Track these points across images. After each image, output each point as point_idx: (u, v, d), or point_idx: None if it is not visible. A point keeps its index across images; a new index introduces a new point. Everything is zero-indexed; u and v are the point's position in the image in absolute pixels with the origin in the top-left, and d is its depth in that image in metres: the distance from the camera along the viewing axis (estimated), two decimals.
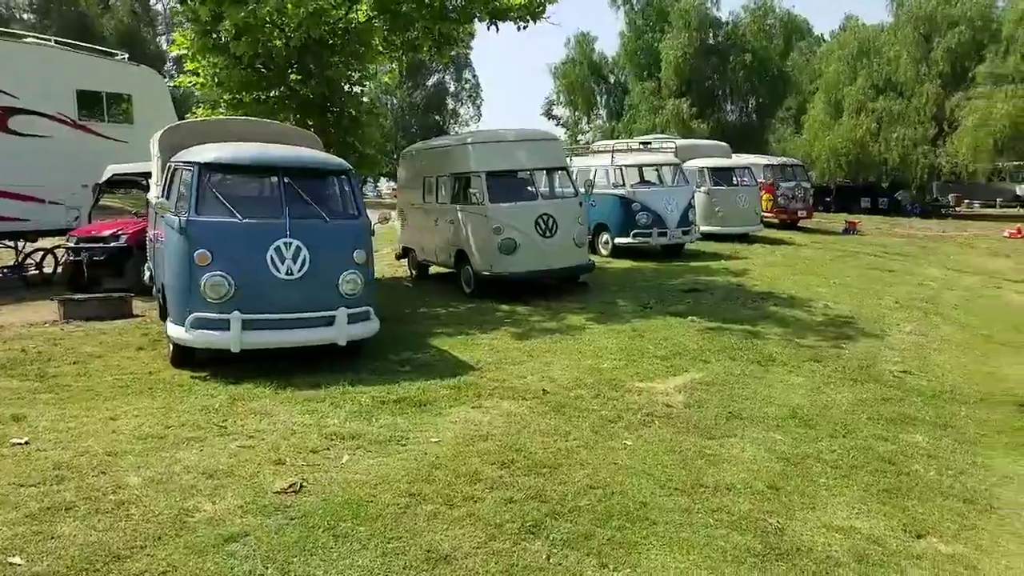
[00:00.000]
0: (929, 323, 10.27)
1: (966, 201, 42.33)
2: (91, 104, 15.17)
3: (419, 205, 13.16)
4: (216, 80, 12.07)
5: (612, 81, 47.58)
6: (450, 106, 65.75)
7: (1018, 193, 42.01)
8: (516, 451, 5.06)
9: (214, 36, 11.16)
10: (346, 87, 13.11)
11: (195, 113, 13.43)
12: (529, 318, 9.85)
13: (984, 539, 4.05)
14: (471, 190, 11.22)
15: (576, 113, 48.38)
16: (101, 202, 13.17)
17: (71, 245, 11.92)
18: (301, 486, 4.37)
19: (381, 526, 3.86)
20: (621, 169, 15.53)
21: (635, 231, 15.12)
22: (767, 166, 23.44)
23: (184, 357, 7.38)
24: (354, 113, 13.01)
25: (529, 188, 11.47)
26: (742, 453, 5.19)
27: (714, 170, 19.11)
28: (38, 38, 15.90)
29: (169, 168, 8.21)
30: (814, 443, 5.45)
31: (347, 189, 7.99)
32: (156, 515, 3.98)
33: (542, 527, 3.90)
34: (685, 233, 15.53)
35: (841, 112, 39.33)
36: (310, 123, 12.17)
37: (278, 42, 11.30)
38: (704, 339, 8.59)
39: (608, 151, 15.84)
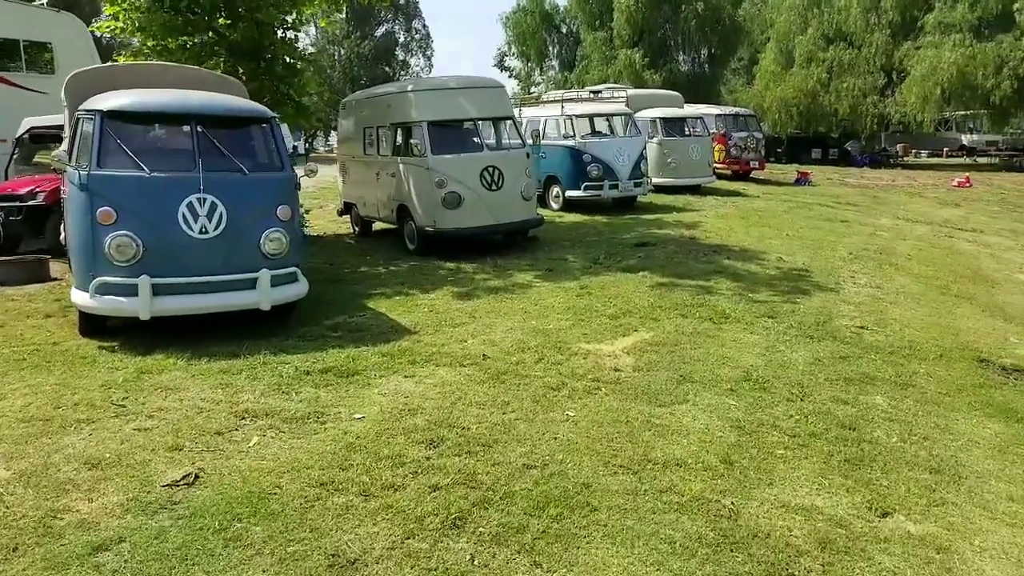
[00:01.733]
0: (884, 275, 10.02)
1: (914, 151, 42.70)
2: (8, 53, 14.02)
3: (360, 158, 12.43)
4: (137, 25, 11.07)
5: (564, 31, 46.56)
6: (400, 57, 64.01)
7: (964, 143, 42.45)
8: (448, 427, 4.58)
9: None
10: (279, 32, 12.18)
11: (116, 61, 12.39)
12: (474, 276, 9.33)
13: (955, 515, 3.70)
14: (412, 141, 10.53)
15: (529, 64, 47.33)
16: (36, 158, 12.14)
17: None
18: (196, 477, 3.83)
19: (282, 525, 3.35)
20: (571, 119, 14.93)
21: (586, 184, 14.61)
22: (719, 116, 23.06)
23: (93, 326, 6.72)
24: (289, 60, 12.13)
25: (474, 139, 10.83)
26: (694, 422, 4.78)
27: (666, 120, 18.63)
28: None
29: (75, 119, 7.40)
30: (770, 408, 5.08)
31: (269, 139, 7.30)
32: (18, 519, 3.41)
33: (469, 520, 3.43)
34: (637, 185, 15.07)
35: (792, 63, 39.11)
36: (240, 70, 11.28)
37: None
38: (655, 296, 8.17)
39: (558, 101, 15.21)
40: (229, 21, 11.12)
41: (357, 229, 13.24)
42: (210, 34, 11.31)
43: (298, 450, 4.20)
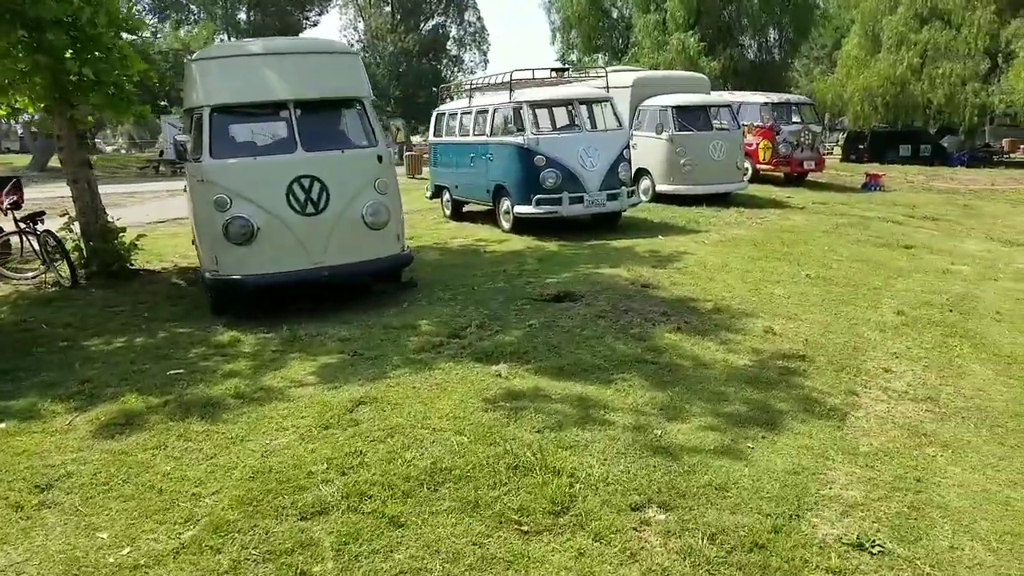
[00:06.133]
0: (946, 362, 5.77)
1: (1022, 147, 36.50)
2: None
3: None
4: None
5: (615, 16, 42.12)
6: (452, 52, 60.95)
7: None
8: None
9: None
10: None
11: None
12: (225, 365, 5.63)
13: None
14: (201, 139, 6.90)
15: (576, 53, 43.05)
16: None
17: None
18: None
19: None
20: (521, 108, 10.97)
21: (539, 196, 10.64)
22: (765, 104, 18.56)
23: None
24: (92, 31, 8.61)
25: (282, 134, 7.05)
26: None
27: (680, 109, 14.37)
28: None
29: None
30: None
31: None
32: None
33: None
34: (612, 198, 10.97)
35: (880, 47, 33.77)
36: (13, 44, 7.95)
37: None
38: (470, 432, 4.25)
39: (504, 85, 11.30)
40: None
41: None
42: None
43: None
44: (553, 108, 12.63)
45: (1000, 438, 4.46)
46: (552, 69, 11.85)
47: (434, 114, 14.26)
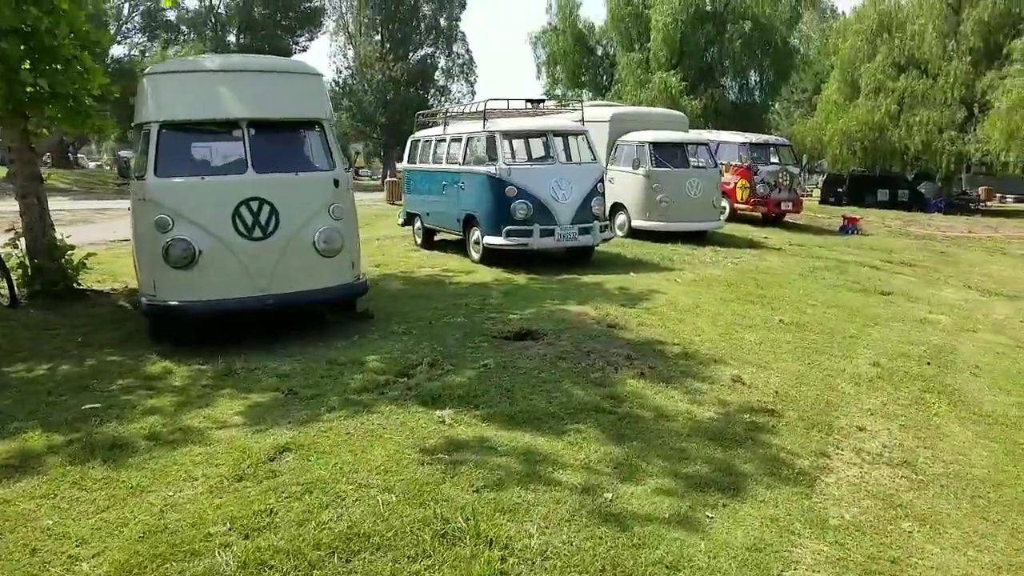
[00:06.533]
0: (923, 421, 5.43)
1: (998, 195, 36.94)
2: None
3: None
4: None
5: (599, 53, 42.36)
6: (440, 82, 61.03)
7: None
8: None
9: None
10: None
11: None
12: (146, 400, 5.16)
13: None
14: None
15: (560, 88, 43.16)
16: None
17: None
18: None
19: None
20: (495, 137, 10.66)
21: (509, 228, 10.29)
22: (743, 144, 18.46)
23: None
24: (51, 42, 8.19)
25: (234, 154, 6.64)
26: None
27: (657, 146, 14.17)
28: None
29: None
30: None
31: None
32: None
33: None
34: (584, 232, 10.64)
35: (858, 93, 34.14)
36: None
37: None
38: (409, 493, 3.81)
39: (479, 115, 10.99)
40: None
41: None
42: None
43: None
44: (528, 139, 12.33)
45: (982, 511, 4.10)
46: (528, 100, 11.56)
47: (409, 140, 13.95)
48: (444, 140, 12.18)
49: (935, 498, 4.21)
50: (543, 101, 11.98)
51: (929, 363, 6.97)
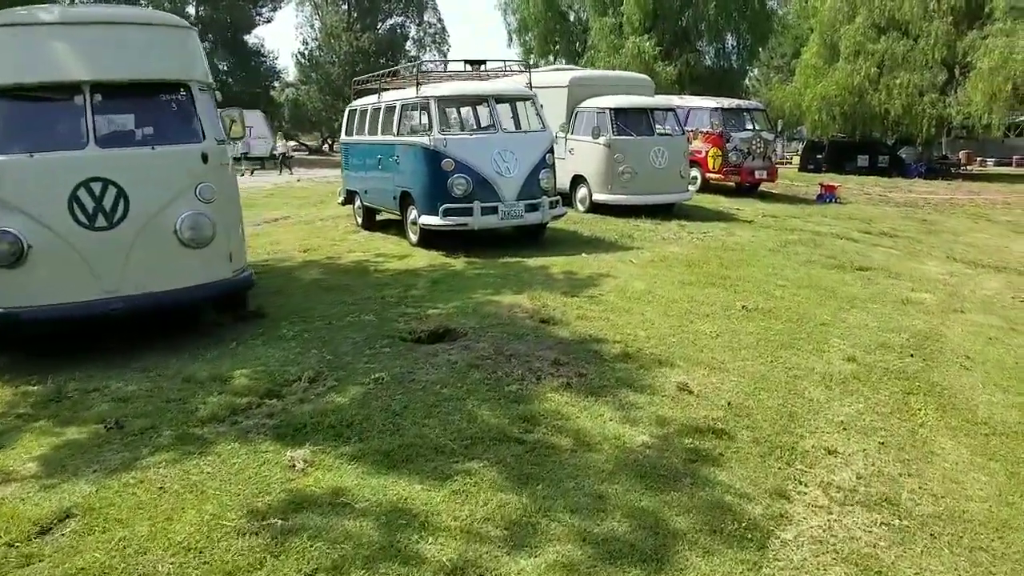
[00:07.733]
0: (908, 437, 4.43)
1: (979, 159, 36.13)
2: None
3: None
4: None
5: (572, 19, 40.93)
6: (412, 52, 59.34)
7: None
8: None
9: None
10: None
11: None
12: None
13: None
14: None
15: (534, 57, 41.76)
16: None
17: None
18: None
19: None
20: (428, 104, 9.49)
21: (446, 206, 9.17)
22: (715, 109, 17.35)
23: None
24: None
25: (73, 126, 5.46)
26: None
27: (619, 112, 13.03)
28: None
29: None
30: None
31: None
32: None
33: None
34: (532, 209, 9.55)
35: (837, 56, 33.02)
36: None
37: None
38: None
39: (411, 79, 9.80)
40: None
41: None
42: None
43: None
44: (470, 106, 11.18)
45: (985, 571, 3.10)
46: (467, 61, 10.38)
47: (347, 111, 12.75)
48: (379, 109, 10.99)
49: (924, 555, 3.21)
50: (484, 62, 10.79)
51: (913, 355, 5.98)
